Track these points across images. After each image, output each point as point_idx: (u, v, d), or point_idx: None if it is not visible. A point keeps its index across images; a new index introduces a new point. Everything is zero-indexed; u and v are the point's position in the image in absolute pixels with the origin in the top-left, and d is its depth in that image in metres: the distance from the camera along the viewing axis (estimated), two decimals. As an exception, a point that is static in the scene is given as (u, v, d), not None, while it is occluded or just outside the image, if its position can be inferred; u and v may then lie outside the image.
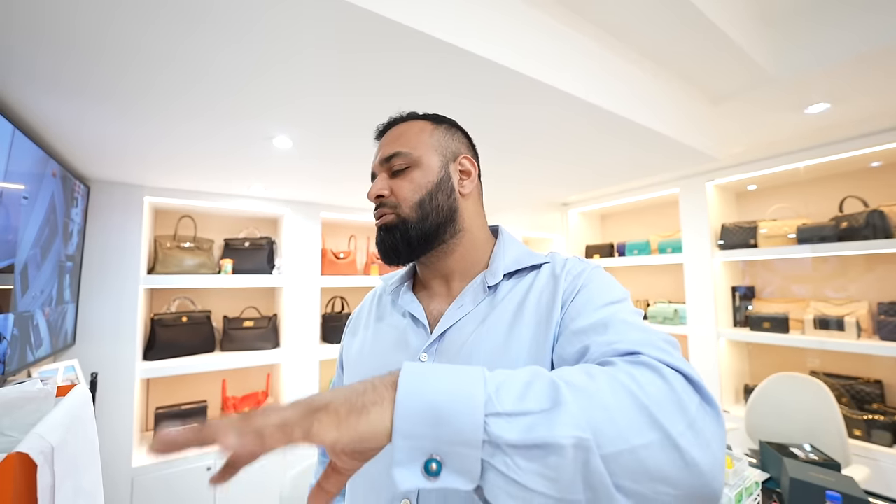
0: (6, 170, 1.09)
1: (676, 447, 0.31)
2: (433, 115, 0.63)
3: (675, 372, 0.36)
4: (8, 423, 0.65)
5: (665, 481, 0.31)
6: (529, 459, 0.30)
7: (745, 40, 1.22)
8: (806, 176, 2.21)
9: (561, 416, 0.31)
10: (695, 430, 0.33)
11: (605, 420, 0.31)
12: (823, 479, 1.14)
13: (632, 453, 0.31)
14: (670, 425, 0.32)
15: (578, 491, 0.30)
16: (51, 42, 0.84)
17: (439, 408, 0.31)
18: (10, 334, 1.15)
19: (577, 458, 0.30)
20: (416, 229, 0.55)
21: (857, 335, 1.89)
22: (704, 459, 0.32)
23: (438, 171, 0.57)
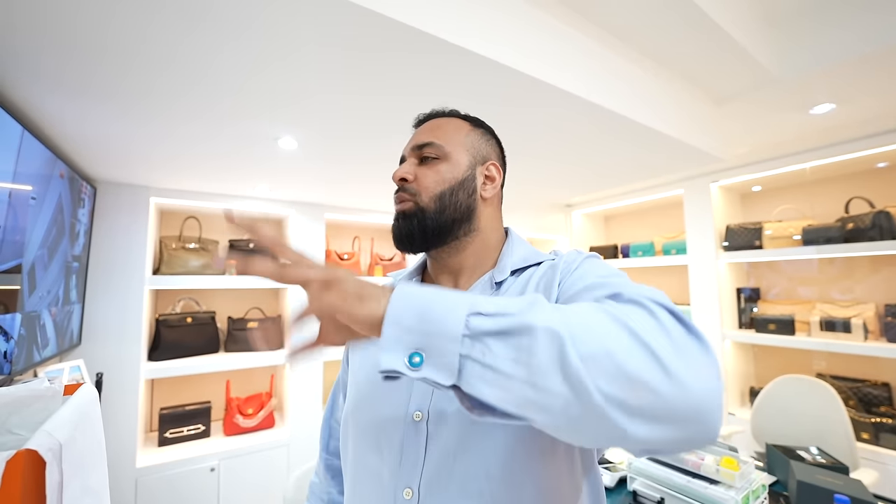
0: (15, 170, 1.10)
1: (657, 357, 0.31)
2: (473, 118, 0.65)
3: (662, 307, 0.36)
4: (16, 420, 0.66)
5: (646, 387, 0.31)
6: (504, 343, 0.32)
7: (749, 41, 1.22)
8: (811, 177, 2.20)
9: (537, 311, 0.33)
10: (679, 351, 0.32)
11: (583, 325, 0.32)
12: (831, 482, 1.13)
13: (609, 356, 0.31)
14: (651, 341, 0.32)
15: (555, 381, 0.31)
16: (53, 41, 0.84)
17: (427, 306, 0.34)
18: (18, 334, 1.15)
19: (551, 345, 0.31)
20: (432, 220, 0.56)
21: (864, 337, 1.87)
22: (689, 376, 0.31)
23: (465, 170, 0.59)
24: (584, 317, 0.34)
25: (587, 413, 0.31)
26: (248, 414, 2.17)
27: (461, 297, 0.35)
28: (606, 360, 0.31)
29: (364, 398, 0.56)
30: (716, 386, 0.32)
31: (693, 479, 1.16)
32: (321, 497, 0.71)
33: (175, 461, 1.88)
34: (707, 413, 0.32)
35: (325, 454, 0.73)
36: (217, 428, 2.21)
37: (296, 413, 2.26)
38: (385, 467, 0.50)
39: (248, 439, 2.11)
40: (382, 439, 0.51)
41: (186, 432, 2.04)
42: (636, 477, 1.26)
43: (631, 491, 1.25)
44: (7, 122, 1.05)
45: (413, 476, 0.48)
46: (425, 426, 0.49)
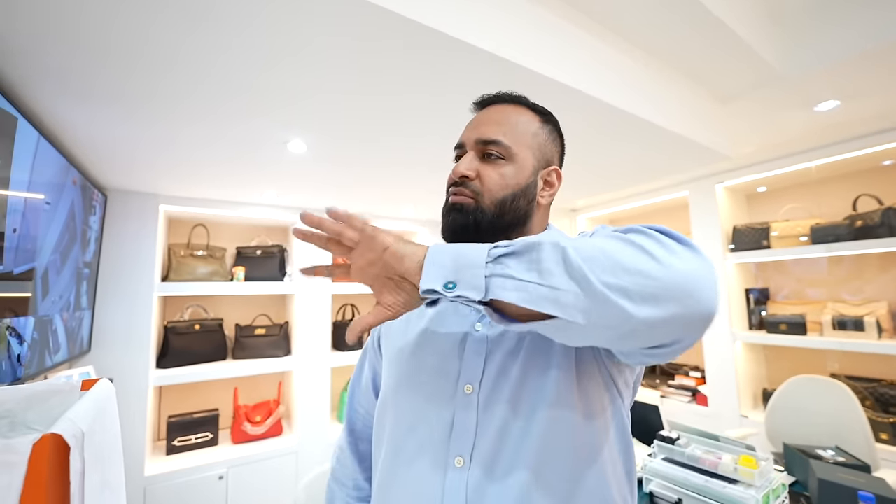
0: (31, 175, 1.12)
1: (648, 252, 0.38)
2: (543, 110, 0.61)
3: (659, 231, 0.41)
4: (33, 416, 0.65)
5: (640, 273, 0.36)
6: (517, 258, 0.40)
7: (753, 38, 1.23)
8: (817, 175, 2.20)
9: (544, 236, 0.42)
10: (669, 250, 0.38)
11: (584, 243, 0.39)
12: (854, 480, 1.10)
13: (605, 254, 0.37)
14: (644, 244, 0.38)
15: (562, 278, 0.37)
16: (57, 39, 0.85)
17: (459, 251, 0.42)
18: (31, 337, 1.16)
19: (555, 252, 0.38)
20: (489, 223, 0.54)
21: (878, 335, 1.85)
22: (677, 262, 0.37)
23: (529, 176, 0.56)
24: (589, 239, 0.40)
25: (594, 302, 0.36)
26: (256, 421, 2.16)
27: (486, 244, 0.43)
28: (604, 257, 0.37)
29: (408, 377, 0.57)
30: (703, 266, 0.38)
31: (711, 478, 1.14)
32: (345, 483, 0.70)
33: (183, 469, 1.86)
34: (699, 288, 0.37)
35: (351, 437, 0.71)
36: (225, 436, 2.20)
37: (304, 420, 2.24)
38: (434, 440, 0.51)
39: (256, 447, 2.09)
40: (430, 415, 0.53)
41: (194, 440, 2.03)
42: (652, 478, 1.24)
43: (647, 493, 1.22)
44: (25, 127, 1.07)
45: (465, 445, 0.49)
46: (476, 397, 0.51)
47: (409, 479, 0.52)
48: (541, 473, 0.47)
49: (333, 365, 2.39)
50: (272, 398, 2.35)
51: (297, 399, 2.27)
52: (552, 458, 0.48)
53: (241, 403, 2.21)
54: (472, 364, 0.53)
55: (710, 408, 2.37)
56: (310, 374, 2.30)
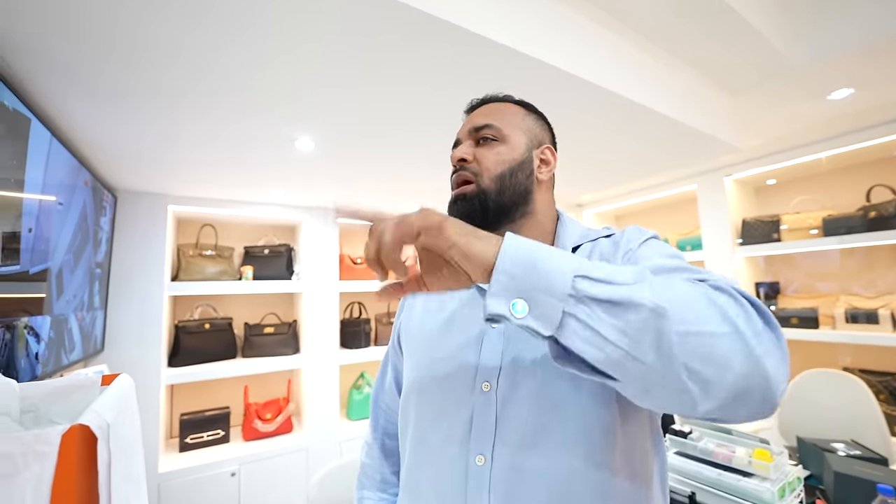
0: (44, 176, 1.13)
1: (745, 341, 0.34)
2: (527, 103, 0.65)
3: (744, 298, 0.38)
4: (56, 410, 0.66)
5: (730, 369, 0.34)
6: (609, 313, 0.34)
7: (764, 26, 1.22)
8: (828, 166, 2.17)
9: (643, 288, 0.35)
10: (760, 338, 0.35)
11: (683, 305, 0.35)
12: (871, 473, 1.09)
13: (701, 337, 0.34)
14: (741, 325, 0.35)
15: (648, 352, 0.34)
16: (62, 36, 0.85)
17: (536, 259, 0.36)
18: (48, 336, 1.18)
19: (652, 320, 0.34)
20: (493, 202, 0.56)
21: (894, 328, 1.82)
22: (769, 360, 0.34)
23: (523, 152, 0.59)
24: (684, 295, 0.36)
25: (669, 383, 0.34)
26: (267, 419, 2.18)
27: (566, 256, 0.38)
28: (699, 340, 0.34)
29: (427, 374, 0.57)
30: (786, 372, 0.36)
31: (724, 472, 1.13)
32: (373, 477, 0.72)
33: (196, 466, 1.88)
34: (776, 395, 0.35)
35: (377, 434, 0.74)
36: (236, 433, 2.22)
37: (314, 417, 2.26)
38: (455, 437, 0.51)
39: (267, 444, 2.11)
40: (451, 410, 0.53)
41: (207, 438, 2.05)
42: (665, 472, 1.23)
43: (660, 486, 1.22)
44: (38, 128, 1.08)
45: (486, 444, 0.49)
46: (494, 395, 0.50)
47: (434, 474, 0.53)
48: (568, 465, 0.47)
49: (342, 362, 2.40)
50: (282, 396, 2.36)
51: (307, 396, 2.29)
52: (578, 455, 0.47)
53: (251, 401, 2.23)
54: (489, 362, 0.53)
55: (720, 403, 2.35)
56: (318, 372, 2.32)
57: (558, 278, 0.35)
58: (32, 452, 0.40)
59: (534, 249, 0.37)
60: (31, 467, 0.39)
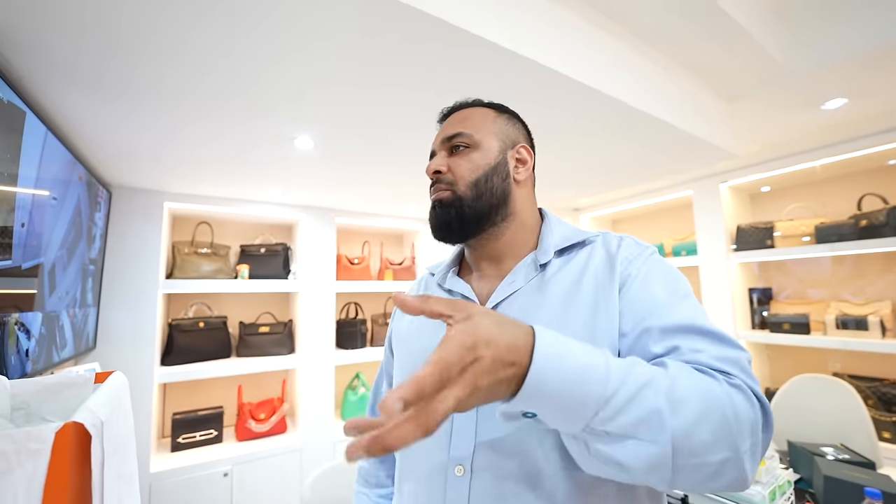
0: (38, 171, 1.12)
1: (739, 464, 0.38)
2: (497, 104, 0.65)
3: (757, 400, 0.41)
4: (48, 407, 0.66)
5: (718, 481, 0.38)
6: (606, 463, 0.38)
7: (761, 35, 1.24)
8: (822, 175, 2.20)
9: (647, 450, 0.36)
10: (755, 448, 0.39)
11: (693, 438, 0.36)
12: (859, 477, 1.11)
13: (701, 466, 0.37)
14: (742, 444, 0.38)
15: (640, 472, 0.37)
16: (64, 30, 0.84)
17: (555, 396, 0.35)
18: (38, 333, 1.16)
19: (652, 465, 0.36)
20: (470, 207, 0.57)
21: (882, 334, 1.85)
22: (753, 469, 0.39)
23: (496, 156, 0.59)
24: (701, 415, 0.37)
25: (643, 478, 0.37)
26: (261, 419, 2.16)
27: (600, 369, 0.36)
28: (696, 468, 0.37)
29: None
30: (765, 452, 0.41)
31: (717, 475, 1.14)
32: (368, 480, 0.74)
33: (188, 466, 1.86)
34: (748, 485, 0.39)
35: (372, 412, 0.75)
36: (229, 433, 2.20)
37: (308, 418, 2.25)
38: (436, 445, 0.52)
39: (260, 444, 2.09)
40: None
41: (199, 437, 2.03)
42: (658, 475, 1.24)
43: (653, 489, 1.23)
44: (33, 122, 1.07)
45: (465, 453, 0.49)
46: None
47: (416, 480, 0.53)
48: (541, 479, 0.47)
49: (337, 363, 2.39)
50: (276, 396, 2.35)
51: (301, 397, 2.27)
52: None
53: (245, 401, 2.21)
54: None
55: (712, 407, 2.37)
56: (314, 372, 2.31)
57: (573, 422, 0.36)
58: (25, 450, 0.40)
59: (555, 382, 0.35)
60: (23, 465, 0.39)
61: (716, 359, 0.43)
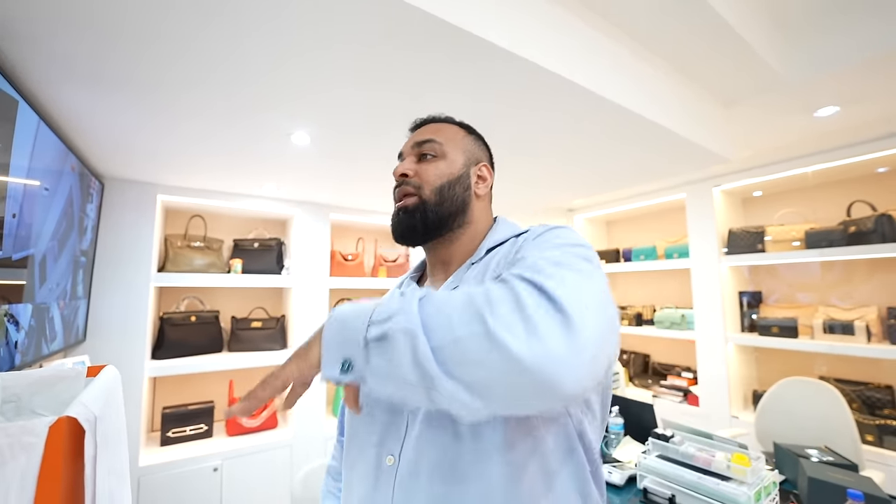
0: (30, 160, 1.10)
1: (489, 334, 0.35)
2: (467, 125, 0.70)
3: (529, 284, 0.39)
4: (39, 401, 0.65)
5: (479, 364, 0.36)
6: (377, 350, 0.39)
7: (758, 42, 1.25)
8: (813, 181, 2.23)
9: (400, 316, 0.39)
10: (527, 324, 0.35)
11: (440, 320, 0.38)
12: (842, 479, 1.13)
13: (453, 341, 0.37)
14: (492, 318, 0.36)
15: (411, 371, 0.37)
16: (68, 22, 0.83)
17: (344, 320, 0.42)
18: (28, 325, 1.15)
19: (406, 343, 0.38)
20: (433, 212, 0.61)
21: (868, 339, 1.89)
22: (526, 349, 0.34)
23: (461, 168, 0.64)
24: (449, 306, 0.40)
25: (444, 395, 0.37)
26: (251, 414, 2.15)
27: (370, 305, 0.42)
28: (452, 347, 0.37)
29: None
30: (559, 357, 0.34)
31: (704, 475, 1.16)
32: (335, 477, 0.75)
33: (178, 461, 1.85)
34: (542, 377, 0.34)
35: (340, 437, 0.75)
36: (220, 428, 2.19)
37: (299, 414, 2.24)
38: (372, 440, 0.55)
39: (251, 439, 2.09)
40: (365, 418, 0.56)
41: (189, 432, 2.02)
42: (646, 475, 1.26)
43: (641, 489, 1.24)
44: (26, 111, 1.06)
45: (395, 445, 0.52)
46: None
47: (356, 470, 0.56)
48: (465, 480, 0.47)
49: (330, 359, 2.39)
50: (267, 391, 2.34)
51: (293, 392, 2.26)
52: None
53: (236, 396, 2.20)
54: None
55: (700, 408, 2.40)
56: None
57: (358, 329, 0.40)
58: (18, 444, 0.40)
59: (346, 310, 0.43)
60: (17, 458, 0.39)
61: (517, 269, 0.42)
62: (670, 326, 2.64)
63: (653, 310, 2.90)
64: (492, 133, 1.39)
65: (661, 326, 2.68)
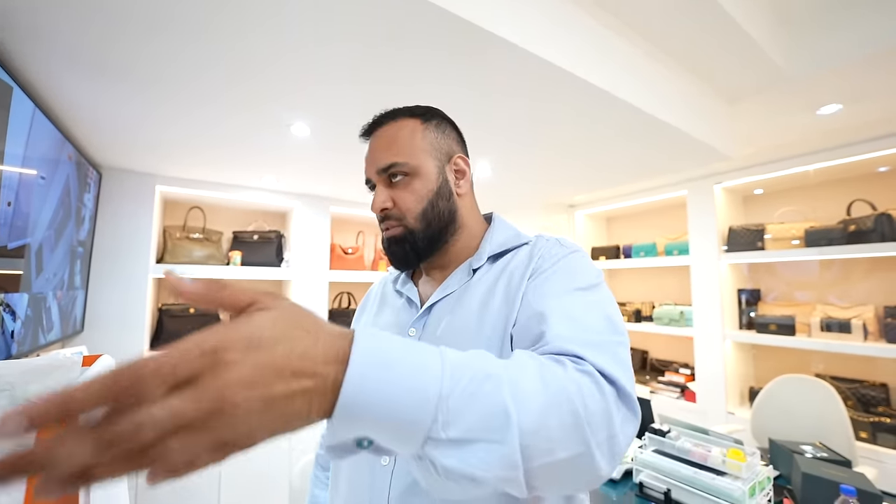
0: (26, 149, 1.09)
1: (592, 461, 0.34)
2: (421, 111, 0.61)
3: (611, 384, 0.38)
4: (34, 389, 0.65)
5: (571, 485, 0.36)
6: (458, 481, 0.30)
7: (763, 38, 1.24)
8: (814, 179, 2.23)
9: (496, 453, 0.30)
10: (613, 440, 0.36)
11: (541, 434, 0.32)
12: (836, 474, 1.14)
13: (552, 465, 0.33)
14: (594, 441, 0.35)
15: (489, 488, 0.31)
16: (73, 13, 0.83)
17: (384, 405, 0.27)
18: (25, 314, 1.14)
19: (500, 476, 0.31)
20: (422, 238, 0.58)
21: (864, 338, 1.89)
22: (608, 467, 0.36)
23: (437, 178, 0.58)
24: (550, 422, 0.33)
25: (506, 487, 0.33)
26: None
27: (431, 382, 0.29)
28: (549, 469, 0.33)
29: None
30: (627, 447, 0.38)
31: (699, 470, 1.17)
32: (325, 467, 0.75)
33: (175, 451, 1.86)
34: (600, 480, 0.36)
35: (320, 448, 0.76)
36: (217, 419, 2.19)
37: (297, 406, 2.25)
38: None
39: (248, 431, 2.09)
40: None
41: (187, 423, 2.03)
42: (642, 469, 1.26)
43: (637, 483, 1.25)
44: (21, 99, 1.04)
45: None
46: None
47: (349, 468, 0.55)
48: None
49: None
50: (266, 383, 2.34)
51: (291, 385, 2.27)
52: None
53: (234, 387, 2.20)
54: None
55: (697, 404, 2.42)
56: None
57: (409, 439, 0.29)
58: (12, 432, 0.39)
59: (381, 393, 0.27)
60: (10, 447, 0.39)
61: (573, 342, 0.40)
62: (669, 323, 2.64)
63: (652, 306, 2.90)
64: (493, 127, 1.38)
65: (660, 323, 2.69)
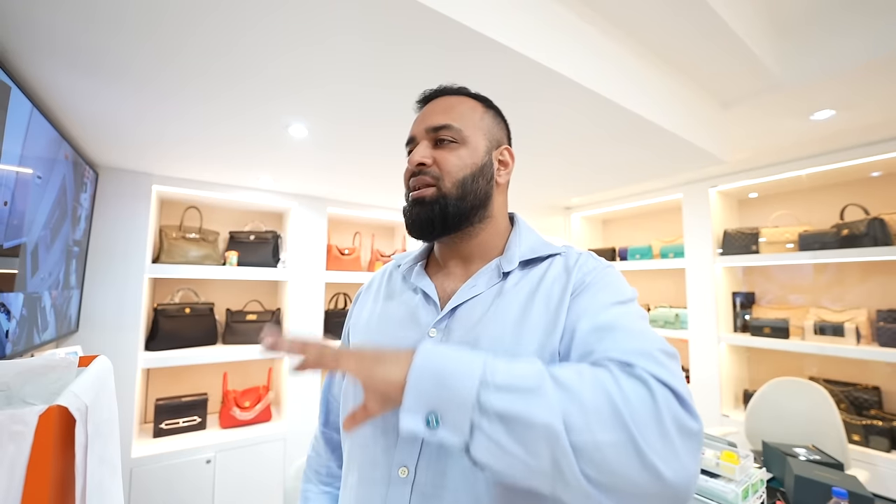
0: (23, 147, 1.09)
1: (639, 452, 0.34)
2: (484, 98, 0.62)
3: (664, 386, 0.37)
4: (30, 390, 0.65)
5: (625, 478, 0.34)
6: (507, 429, 0.35)
7: (757, 45, 1.25)
8: (808, 184, 2.25)
9: (539, 400, 0.36)
10: (667, 441, 0.35)
11: (578, 413, 0.35)
12: (828, 477, 1.15)
13: (596, 446, 0.34)
14: (639, 431, 0.35)
15: (545, 462, 0.35)
16: (70, 10, 0.82)
17: (444, 373, 0.37)
18: (20, 314, 1.14)
19: (548, 436, 0.35)
20: (454, 206, 0.54)
21: (857, 341, 1.91)
22: (670, 470, 0.34)
23: (483, 156, 0.57)
24: (583, 398, 0.36)
25: (572, 488, 0.35)
26: (245, 407, 2.15)
27: (476, 361, 0.38)
28: (593, 449, 0.34)
29: None
30: (692, 474, 0.35)
31: (693, 473, 1.17)
32: (318, 471, 0.70)
33: (170, 452, 1.85)
34: (680, 497, 0.35)
35: (324, 428, 0.72)
36: (213, 420, 2.19)
37: (293, 407, 2.25)
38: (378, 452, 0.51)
39: (244, 432, 2.09)
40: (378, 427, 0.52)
41: (182, 424, 2.02)
42: (636, 471, 1.27)
43: (631, 485, 1.26)
44: (18, 97, 1.04)
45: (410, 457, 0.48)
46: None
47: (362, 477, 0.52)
48: None
49: (324, 353, 2.39)
50: (262, 384, 2.34)
51: (287, 386, 2.27)
52: None
53: (230, 388, 2.20)
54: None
55: (692, 406, 2.43)
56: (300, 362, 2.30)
57: (465, 389, 0.36)
58: (7, 432, 0.39)
59: (442, 363, 0.38)
60: (5, 447, 0.39)
61: (622, 352, 0.41)
62: (664, 325, 2.65)
63: (647, 309, 2.92)
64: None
65: (655, 325, 2.70)
